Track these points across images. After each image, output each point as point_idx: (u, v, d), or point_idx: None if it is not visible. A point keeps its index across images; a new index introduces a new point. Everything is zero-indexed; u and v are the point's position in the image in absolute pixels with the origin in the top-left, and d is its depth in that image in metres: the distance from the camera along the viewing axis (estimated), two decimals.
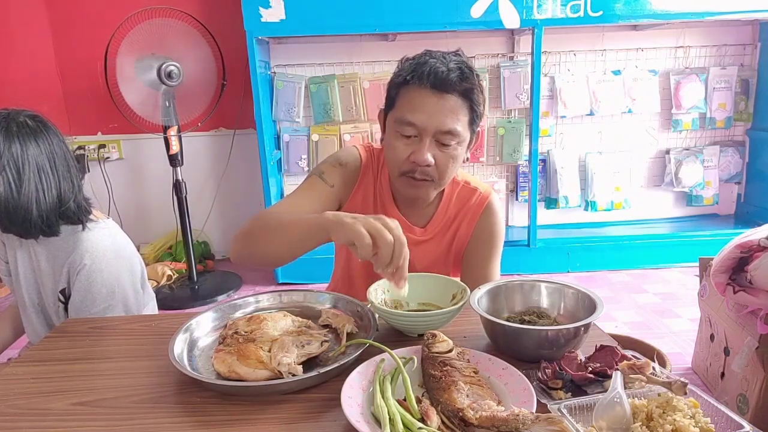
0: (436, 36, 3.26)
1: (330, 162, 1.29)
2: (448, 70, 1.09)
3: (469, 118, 1.13)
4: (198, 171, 3.57)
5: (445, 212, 1.30)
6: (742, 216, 3.62)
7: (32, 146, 1.21)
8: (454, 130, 1.10)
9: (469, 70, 1.11)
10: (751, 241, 1.68)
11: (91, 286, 1.26)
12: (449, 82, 1.08)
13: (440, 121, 1.10)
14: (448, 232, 1.31)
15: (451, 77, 1.08)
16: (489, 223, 1.29)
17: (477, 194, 1.30)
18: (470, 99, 1.12)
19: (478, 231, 1.29)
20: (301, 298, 1.13)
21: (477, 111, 1.13)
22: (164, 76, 2.81)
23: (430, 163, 1.12)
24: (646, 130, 3.52)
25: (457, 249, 1.32)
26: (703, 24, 3.26)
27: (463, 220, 1.30)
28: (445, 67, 1.09)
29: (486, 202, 1.29)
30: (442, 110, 1.10)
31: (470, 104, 1.12)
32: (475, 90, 1.12)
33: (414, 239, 1.28)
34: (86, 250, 1.27)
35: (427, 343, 0.84)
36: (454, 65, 1.10)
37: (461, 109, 1.11)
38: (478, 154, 3.40)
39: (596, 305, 0.90)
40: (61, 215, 1.26)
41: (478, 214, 1.29)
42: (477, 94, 1.12)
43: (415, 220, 1.30)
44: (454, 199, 1.30)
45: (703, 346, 2.10)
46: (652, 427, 0.67)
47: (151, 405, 0.83)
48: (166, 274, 3.31)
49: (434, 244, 1.31)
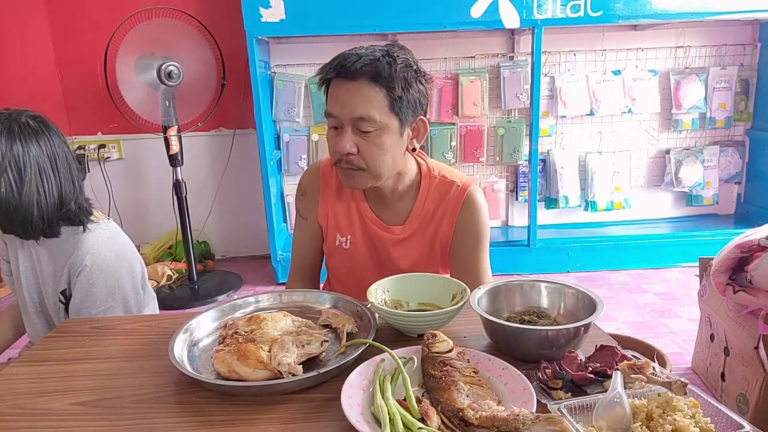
0: (436, 36, 3.26)
1: (297, 196, 1.39)
2: (359, 58, 1.10)
3: (387, 104, 1.11)
4: (198, 171, 3.57)
5: (422, 208, 1.28)
6: (742, 216, 3.62)
7: (34, 147, 1.21)
8: (367, 116, 1.11)
9: (388, 57, 1.10)
10: (751, 241, 1.68)
11: (91, 287, 1.26)
12: (354, 69, 1.10)
13: (351, 109, 1.11)
14: (429, 229, 1.28)
15: (357, 64, 1.09)
16: (471, 217, 1.26)
17: (455, 187, 1.27)
18: (382, 84, 1.10)
19: (460, 225, 1.27)
20: (301, 298, 1.13)
21: (394, 95, 1.10)
22: (164, 76, 2.80)
23: (349, 151, 1.14)
24: (646, 130, 3.52)
25: (441, 245, 1.29)
26: (703, 24, 3.26)
27: (444, 215, 1.27)
28: (357, 57, 1.10)
29: (465, 195, 1.26)
30: (353, 97, 1.11)
31: (385, 89, 1.10)
32: (384, 74, 1.09)
33: (393, 238, 1.28)
34: (87, 251, 1.27)
35: (427, 343, 0.84)
36: (372, 55, 1.10)
37: (375, 95, 1.10)
38: (478, 154, 3.41)
39: (596, 305, 0.90)
40: (62, 217, 1.26)
41: (458, 208, 1.26)
42: (393, 79, 1.09)
43: (391, 218, 1.29)
44: (431, 193, 1.28)
45: (703, 346, 2.10)
46: (652, 427, 0.67)
47: (151, 405, 0.83)
48: (166, 274, 3.31)
49: (415, 241, 1.29)
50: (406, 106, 1.13)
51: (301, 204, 1.37)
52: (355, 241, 1.31)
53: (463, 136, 3.40)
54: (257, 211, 3.51)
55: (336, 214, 1.32)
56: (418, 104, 1.16)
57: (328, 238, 1.35)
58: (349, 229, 1.31)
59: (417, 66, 1.15)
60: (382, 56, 1.11)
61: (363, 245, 1.31)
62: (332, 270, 1.41)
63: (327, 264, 1.42)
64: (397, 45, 1.17)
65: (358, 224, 1.31)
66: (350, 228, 1.31)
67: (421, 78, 1.15)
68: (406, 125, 1.16)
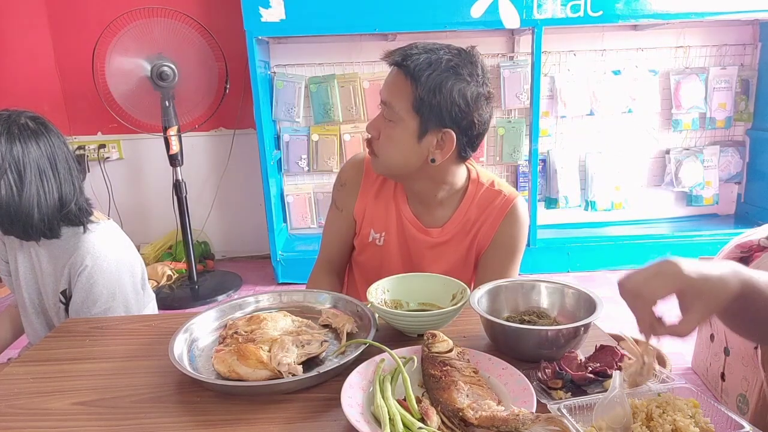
0: (436, 36, 3.25)
1: (336, 185, 1.36)
2: (412, 49, 1.10)
3: (412, 100, 1.09)
4: (198, 171, 3.57)
5: (465, 213, 1.25)
6: (742, 216, 3.62)
7: (33, 148, 1.21)
8: (388, 102, 1.12)
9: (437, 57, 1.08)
10: (751, 241, 1.68)
11: (92, 288, 1.26)
12: (401, 57, 1.10)
13: (385, 92, 1.14)
14: (468, 235, 1.26)
15: (405, 53, 1.09)
16: (511, 228, 1.24)
17: (501, 197, 1.24)
18: (413, 78, 1.08)
19: (499, 235, 1.24)
20: (301, 298, 1.13)
21: (418, 95, 1.08)
22: (163, 76, 2.80)
23: (369, 132, 1.18)
24: (646, 130, 3.52)
25: (477, 253, 1.27)
26: (703, 24, 3.26)
27: (484, 223, 1.24)
28: (413, 48, 1.10)
29: (510, 206, 1.23)
30: (390, 82, 1.13)
31: (414, 85, 1.08)
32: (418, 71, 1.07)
33: (430, 241, 1.26)
34: (87, 251, 1.27)
35: (427, 343, 0.84)
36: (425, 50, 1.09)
37: (403, 86, 1.10)
38: (478, 154, 3.40)
39: (596, 305, 0.90)
40: (62, 218, 1.25)
41: (501, 218, 1.24)
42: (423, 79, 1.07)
43: (430, 220, 1.27)
44: (477, 200, 1.25)
45: (703, 346, 2.10)
46: (652, 427, 0.67)
47: (151, 405, 0.83)
48: (166, 274, 3.31)
49: (452, 246, 1.26)
50: (429, 110, 1.09)
51: (339, 195, 1.34)
52: (389, 239, 1.29)
53: None
54: (257, 211, 3.51)
55: (374, 210, 1.29)
56: (447, 114, 1.09)
57: (361, 233, 1.32)
58: (385, 227, 1.29)
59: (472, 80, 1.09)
60: (430, 54, 1.09)
61: (396, 244, 1.29)
62: (360, 265, 1.38)
63: (355, 258, 1.39)
64: (471, 52, 1.13)
65: (395, 223, 1.28)
66: (386, 225, 1.29)
67: (467, 92, 1.09)
68: (428, 131, 1.11)
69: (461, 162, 1.21)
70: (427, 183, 1.22)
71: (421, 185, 1.22)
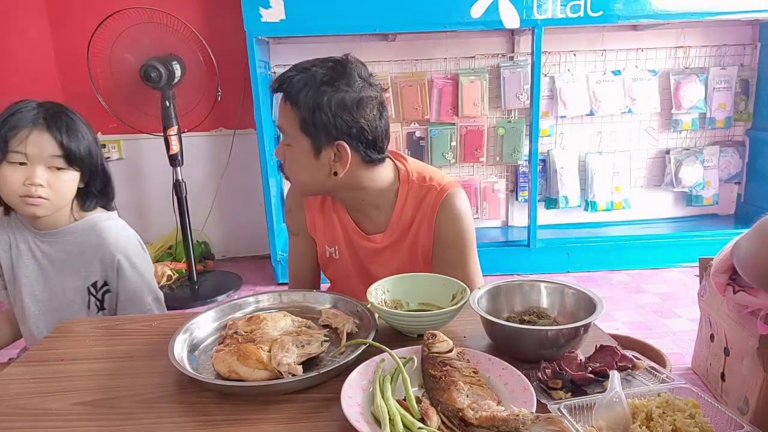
0: (435, 36, 3.26)
1: (285, 215, 1.41)
2: (290, 74, 1.12)
3: (298, 122, 1.10)
4: (198, 171, 3.57)
5: (401, 214, 1.22)
6: (742, 216, 3.62)
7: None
8: (281, 127, 1.16)
9: (307, 77, 1.09)
10: None
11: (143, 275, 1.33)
12: (276, 84, 1.13)
13: (277, 117, 1.17)
14: (408, 236, 1.23)
15: (281, 79, 1.12)
16: (448, 224, 1.20)
17: (432, 191, 1.20)
18: (293, 101, 1.10)
19: (439, 233, 1.21)
20: (301, 298, 1.13)
21: (301, 117, 1.09)
22: (163, 76, 2.80)
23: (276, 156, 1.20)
24: (646, 130, 3.52)
25: (423, 253, 1.24)
26: (703, 24, 3.26)
27: (422, 221, 1.21)
28: (291, 71, 1.12)
29: (441, 201, 1.19)
30: (279, 108, 1.15)
31: (295, 107, 1.10)
32: (293, 94, 1.09)
33: (374, 247, 1.25)
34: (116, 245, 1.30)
35: (427, 343, 0.84)
36: (298, 73, 1.11)
37: (288, 110, 1.12)
38: (478, 155, 3.41)
39: (596, 305, 0.90)
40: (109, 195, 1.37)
41: (434, 214, 1.20)
42: (300, 101, 1.08)
43: (371, 227, 1.26)
44: (409, 199, 1.22)
45: (703, 347, 2.10)
46: (652, 427, 0.67)
47: (151, 405, 0.83)
48: (166, 274, 3.30)
49: (396, 249, 1.24)
50: (314, 128, 1.10)
51: (290, 221, 1.37)
52: (342, 251, 1.30)
53: (463, 136, 3.40)
54: (257, 211, 3.51)
55: (323, 225, 1.31)
56: (333, 128, 1.09)
57: (320, 250, 1.34)
58: (335, 240, 1.30)
59: (350, 88, 1.09)
60: (304, 74, 1.10)
61: (348, 255, 1.29)
62: (330, 279, 1.41)
63: (324, 274, 1.41)
64: (344, 61, 1.13)
65: (342, 235, 1.29)
66: (336, 239, 1.29)
67: (346, 101, 1.09)
68: (322, 147, 1.11)
69: (372, 166, 1.18)
70: (348, 192, 1.21)
71: (344, 195, 1.23)
